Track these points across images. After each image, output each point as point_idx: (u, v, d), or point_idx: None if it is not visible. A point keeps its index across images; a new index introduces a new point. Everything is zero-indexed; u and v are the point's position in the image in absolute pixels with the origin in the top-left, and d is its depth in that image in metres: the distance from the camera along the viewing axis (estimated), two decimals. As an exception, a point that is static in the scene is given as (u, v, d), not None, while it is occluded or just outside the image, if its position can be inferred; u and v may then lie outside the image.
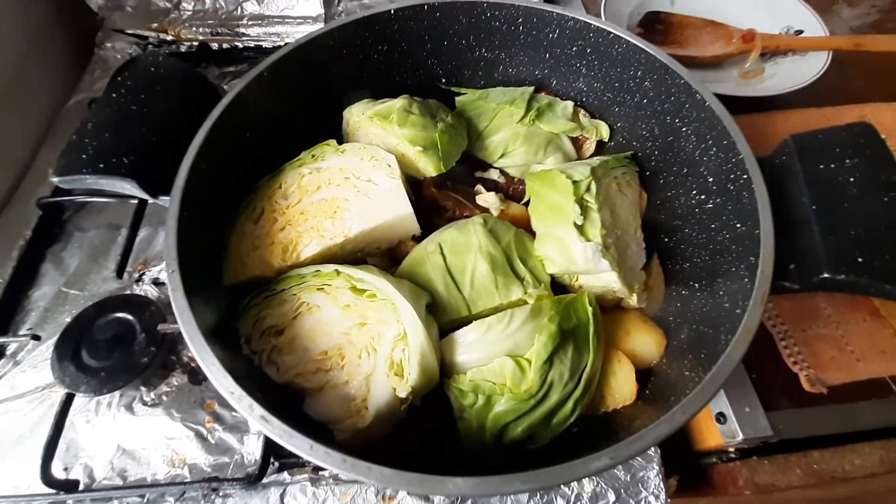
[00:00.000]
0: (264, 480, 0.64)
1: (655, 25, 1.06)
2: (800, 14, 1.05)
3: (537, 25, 0.73)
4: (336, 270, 0.56)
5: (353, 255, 0.64)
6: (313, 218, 0.62)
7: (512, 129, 0.74)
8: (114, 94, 0.57)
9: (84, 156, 0.52)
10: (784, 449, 0.66)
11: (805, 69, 0.96)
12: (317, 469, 0.66)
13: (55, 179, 0.52)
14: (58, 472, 0.65)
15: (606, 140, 0.78)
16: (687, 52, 1.03)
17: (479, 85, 0.82)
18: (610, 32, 0.67)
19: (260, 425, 0.41)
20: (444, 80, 0.82)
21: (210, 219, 0.59)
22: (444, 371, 0.54)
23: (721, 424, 0.65)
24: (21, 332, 0.76)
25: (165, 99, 0.59)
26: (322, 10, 1.12)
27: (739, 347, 0.43)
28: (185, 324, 0.45)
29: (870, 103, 0.97)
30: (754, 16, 1.07)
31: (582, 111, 0.78)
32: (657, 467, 0.64)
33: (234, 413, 0.70)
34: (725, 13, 1.08)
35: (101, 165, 0.51)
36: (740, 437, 0.64)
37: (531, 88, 0.78)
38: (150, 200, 0.57)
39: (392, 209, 0.61)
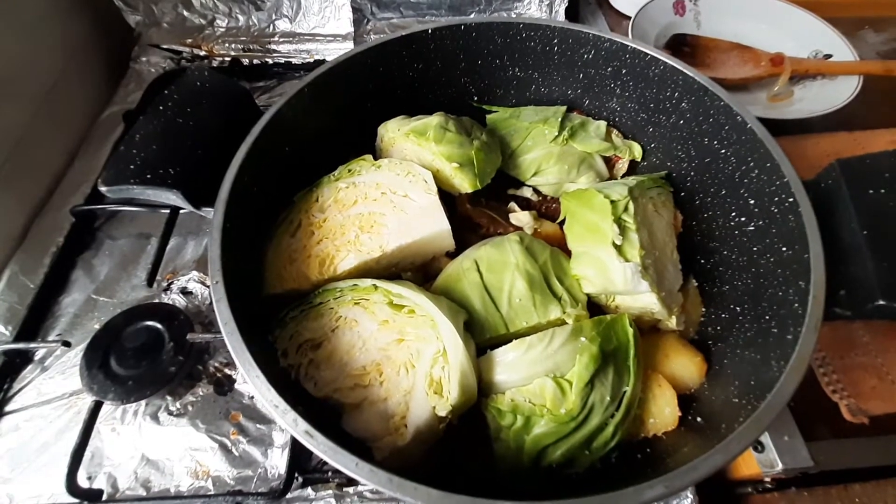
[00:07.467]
0: (288, 496, 0.63)
1: (682, 47, 1.07)
2: (828, 38, 1.05)
3: (573, 46, 0.73)
4: (374, 285, 0.56)
5: (387, 269, 0.64)
6: (350, 232, 0.62)
7: (545, 148, 0.74)
8: (161, 107, 0.58)
9: (132, 166, 0.53)
10: (824, 481, 0.64)
11: (834, 93, 0.96)
12: (341, 485, 0.65)
13: (103, 189, 0.53)
14: (81, 480, 0.64)
15: (639, 160, 0.78)
16: (714, 74, 1.03)
17: (511, 103, 0.83)
18: (647, 54, 0.68)
19: (304, 440, 0.40)
20: (476, 98, 0.83)
21: (249, 231, 0.60)
22: (480, 390, 0.53)
23: (758, 453, 0.63)
24: (50, 338, 0.77)
25: (210, 113, 0.60)
26: (352, 29, 1.15)
27: (795, 375, 0.42)
28: (230, 334, 0.45)
29: (901, 128, 0.97)
30: (781, 40, 1.08)
31: (615, 131, 0.78)
32: (691, 496, 0.62)
33: (258, 425, 0.69)
34: (752, 37, 1.08)
35: (149, 176, 0.52)
36: (779, 466, 0.62)
37: (563, 108, 0.78)
38: (194, 211, 0.57)
39: (429, 225, 0.61)
